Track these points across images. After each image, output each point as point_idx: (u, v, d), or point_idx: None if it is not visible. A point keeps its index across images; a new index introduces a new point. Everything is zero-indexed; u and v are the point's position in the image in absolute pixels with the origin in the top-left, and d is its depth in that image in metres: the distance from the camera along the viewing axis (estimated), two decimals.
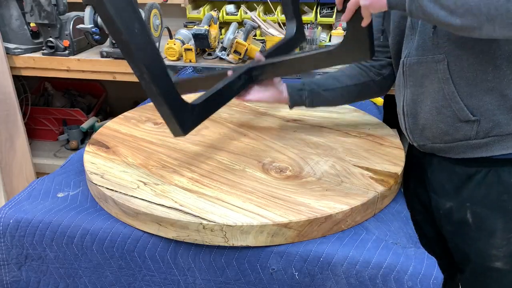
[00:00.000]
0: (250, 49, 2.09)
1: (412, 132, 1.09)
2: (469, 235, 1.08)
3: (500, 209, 1.02)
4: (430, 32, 0.98)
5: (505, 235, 1.03)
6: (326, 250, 0.88)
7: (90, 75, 2.24)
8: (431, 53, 0.99)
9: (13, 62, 2.24)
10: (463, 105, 0.98)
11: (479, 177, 1.03)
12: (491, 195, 1.02)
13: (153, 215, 0.90)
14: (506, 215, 1.02)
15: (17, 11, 2.23)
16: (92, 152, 1.16)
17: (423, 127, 1.06)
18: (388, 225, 0.96)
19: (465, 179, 1.05)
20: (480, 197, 1.04)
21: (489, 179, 1.02)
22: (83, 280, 0.98)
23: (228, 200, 0.95)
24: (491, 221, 1.03)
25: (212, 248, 0.91)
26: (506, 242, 1.03)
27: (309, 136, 1.25)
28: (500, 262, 1.05)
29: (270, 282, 0.90)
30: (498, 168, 1.01)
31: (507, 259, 1.05)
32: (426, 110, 1.04)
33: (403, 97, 1.09)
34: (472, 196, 1.05)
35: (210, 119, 1.36)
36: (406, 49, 1.06)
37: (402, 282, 0.84)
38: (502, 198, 1.01)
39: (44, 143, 2.76)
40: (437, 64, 0.99)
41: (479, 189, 1.03)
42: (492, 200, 1.02)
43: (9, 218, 0.99)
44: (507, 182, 1.00)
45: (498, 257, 1.05)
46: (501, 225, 1.03)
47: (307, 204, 0.93)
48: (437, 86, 1.01)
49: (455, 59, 0.97)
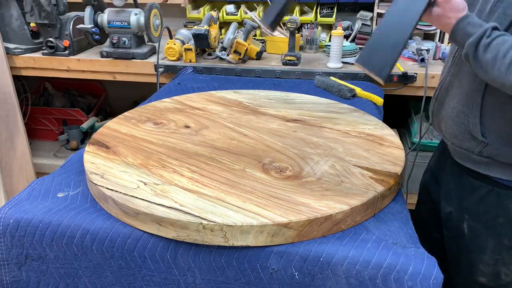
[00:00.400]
0: (250, 49, 2.09)
1: (433, 115, 1.12)
2: (463, 245, 1.10)
3: (494, 230, 1.04)
4: None
5: (494, 255, 1.05)
6: (326, 250, 0.88)
7: (90, 75, 2.24)
8: None
9: (13, 62, 2.24)
10: (479, 122, 0.98)
11: (481, 193, 1.04)
12: (489, 214, 1.04)
13: (153, 215, 0.90)
14: (498, 237, 1.04)
15: (17, 11, 2.23)
16: (92, 152, 1.16)
17: (442, 117, 1.08)
18: (388, 225, 0.96)
19: (469, 191, 1.06)
20: (478, 213, 1.06)
21: (490, 198, 1.03)
22: (83, 280, 0.98)
23: (228, 200, 0.95)
24: (484, 238, 1.05)
25: (212, 248, 0.91)
26: (493, 262, 1.05)
27: (309, 136, 1.25)
28: (484, 278, 1.08)
29: (270, 282, 0.90)
30: (500, 190, 1.02)
31: (492, 277, 1.07)
32: (450, 105, 1.05)
33: (443, 78, 1.10)
34: (471, 209, 1.07)
35: (210, 119, 1.37)
36: None
37: (402, 282, 0.84)
38: (498, 221, 1.03)
39: (44, 143, 2.76)
40: None
41: (478, 205, 1.05)
42: (489, 219, 1.04)
43: (9, 218, 0.99)
44: (505, 206, 1.02)
45: (484, 273, 1.07)
46: (492, 244, 1.05)
47: (307, 204, 0.93)
48: (469, 90, 1.00)
49: None
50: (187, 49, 2.07)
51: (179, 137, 1.25)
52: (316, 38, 2.27)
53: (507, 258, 1.04)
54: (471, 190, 1.06)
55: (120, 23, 2.11)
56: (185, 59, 2.09)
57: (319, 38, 2.32)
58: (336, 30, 2.03)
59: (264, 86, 1.82)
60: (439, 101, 1.10)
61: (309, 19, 2.32)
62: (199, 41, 2.07)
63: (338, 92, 1.72)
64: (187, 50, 2.07)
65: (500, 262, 1.05)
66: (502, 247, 1.04)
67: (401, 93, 2.02)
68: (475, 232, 1.07)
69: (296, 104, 1.50)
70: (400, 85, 1.99)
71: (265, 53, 2.23)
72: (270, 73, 2.01)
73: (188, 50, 2.07)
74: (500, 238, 1.04)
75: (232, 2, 2.47)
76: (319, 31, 2.30)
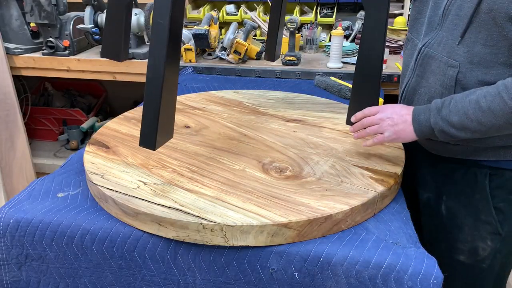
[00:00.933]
0: (250, 49, 2.09)
1: None
2: (441, 227, 1.13)
3: (471, 207, 1.07)
4: (457, 36, 0.98)
5: (472, 232, 1.08)
6: (326, 250, 0.88)
7: (90, 75, 2.24)
8: (448, 55, 1.00)
9: (13, 62, 2.24)
10: None
11: (457, 175, 1.08)
12: (465, 192, 1.08)
13: (153, 215, 0.90)
14: (475, 213, 1.07)
15: (17, 11, 2.24)
16: (92, 152, 1.16)
17: None
18: (388, 225, 0.96)
19: (445, 176, 1.10)
20: (455, 193, 1.09)
21: (467, 178, 1.07)
22: (83, 280, 0.98)
23: (228, 200, 0.95)
24: (462, 216, 1.09)
25: (212, 248, 0.91)
26: (471, 238, 1.09)
27: (309, 136, 1.25)
28: (463, 256, 1.11)
29: (270, 282, 0.90)
30: (476, 169, 1.06)
31: (470, 254, 1.10)
32: (420, 103, 1.07)
33: (407, 81, 1.12)
34: (448, 190, 1.11)
35: (210, 119, 1.36)
36: (427, 37, 1.07)
37: (402, 282, 0.84)
38: (475, 197, 1.06)
39: (44, 143, 2.76)
40: (448, 68, 1.00)
41: (455, 185, 1.09)
42: (465, 197, 1.08)
43: (9, 218, 0.99)
44: (482, 184, 1.05)
45: (463, 251, 1.11)
46: (470, 222, 1.08)
47: (307, 204, 0.93)
48: (439, 88, 1.03)
49: (466, 73, 0.98)
50: (187, 49, 2.07)
51: (179, 137, 1.25)
52: (316, 38, 2.27)
53: (484, 232, 1.07)
54: (448, 175, 1.10)
55: None
56: (185, 59, 2.09)
57: (319, 38, 2.32)
58: (336, 30, 2.03)
59: (264, 86, 1.82)
60: (407, 101, 1.13)
61: (309, 19, 2.32)
62: (199, 41, 2.07)
63: (338, 92, 1.73)
64: (187, 50, 2.07)
65: (477, 237, 1.08)
66: (479, 223, 1.07)
67: None
68: (453, 212, 1.10)
69: (296, 104, 1.50)
70: None
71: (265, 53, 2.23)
72: (270, 73, 2.01)
73: (188, 50, 2.07)
74: (477, 214, 1.07)
75: (232, 2, 2.47)
76: (319, 31, 2.30)
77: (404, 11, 2.35)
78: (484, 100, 0.90)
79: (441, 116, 0.95)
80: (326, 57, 2.19)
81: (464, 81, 0.98)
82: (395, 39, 2.24)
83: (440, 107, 0.96)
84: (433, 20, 1.05)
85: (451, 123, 0.94)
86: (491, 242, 1.07)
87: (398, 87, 1.99)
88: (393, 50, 2.23)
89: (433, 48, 1.04)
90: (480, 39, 0.94)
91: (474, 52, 0.96)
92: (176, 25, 0.86)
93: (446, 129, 0.95)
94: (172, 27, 0.85)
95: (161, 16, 0.84)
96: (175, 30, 0.87)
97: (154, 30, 0.86)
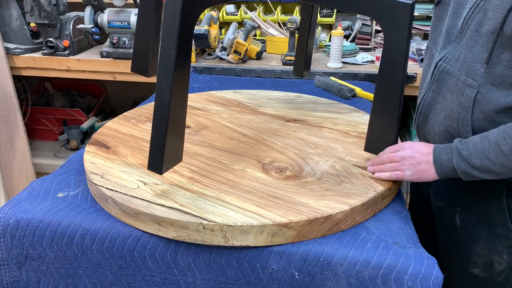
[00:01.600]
0: (250, 49, 2.09)
1: (418, 128, 1.12)
2: (455, 238, 1.10)
3: (487, 220, 1.04)
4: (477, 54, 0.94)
5: (487, 245, 1.05)
6: (326, 250, 0.88)
7: (90, 75, 2.24)
8: (467, 74, 0.96)
9: (13, 62, 2.24)
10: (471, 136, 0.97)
11: (473, 187, 1.03)
12: (481, 205, 1.04)
13: (153, 215, 0.90)
14: (490, 227, 1.04)
15: (17, 11, 2.24)
16: (92, 152, 1.16)
17: (428, 131, 1.07)
18: (388, 225, 0.96)
19: (460, 186, 1.05)
20: (470, 205, 1.06)
21: (483, 190, 1.03)
22: (83, 280, 0.98)
23: (228, 200, 0.95)
24: (476, 229, 1.05)
25: (212, 248, 0.91)
26: (486, 252, 1.05)
27: (309, 136, 1.25)
28: (478, 269, 1.08)
29: (270, 282, 0.90)
30: (493, 183, 1.01)
31: (485, 267, 1.07)
32: (436, 120, 1.04)
33: (424, 94, 1.09)
34: (463, 202, 1.07)
35: (210, 119, 1.36)
36: (445, 50, 1.03)
37: (402, 282, 0.84)
38: (491, 210, 1.03)
39: (44, 143, 2.76)
40: (467, 88, 0.96)
41: (470, 197, 1.05)
42: (481, 209, 1.04)
43: (9, 218, 0.99)
44: (499, 197, 1.02)
45: (477, 264, 1.07)
46: (485, 235, 1.05)
47: (307, 204, 0.93)
48: (456, 108, 0.99)
49: (485, 94, 0.95)
50: None
51: None
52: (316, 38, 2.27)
53: (499, 246, 1.04)
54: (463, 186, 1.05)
55: (120, 23, 2.11)
56: None
57: (319, 38, 2.32)
58: (336, 30, 2.03)
59: (264, 86, 1.82)
60: (423, 116, 1.09)
61: None
62: (199, 41, 2.07)
63: (338, 92, 1.72)
64: None
65: (493, 251, 1.05)
66: (495, 236, 1.04)
67: None
68: (467, 224, 1.07)
69: (296, 104, 1.50)
70: None
71: (265, 53, 2.23)
72: (270, 73, 2.01)
73: None
74: (493, 228, 1.04)
75: (232, 2, 2.47)
76: (319, 31, 2.30)
77: None
78: (505, 143, 0.87)
79: (463, 157, 0.92)
80: (326, 57, 2.19)
81: (483, 103, 0.95)
82: None
83: (461, 148, 0.93)
84: (452, 31, 1.01)
85: (474, 166, 0.91)
86: (508, 256, 1.04)
87: None
88: None
89: (450, 64, 1.00)
90: (502, 61, 0.91)
91: (495, 74, 0.92)
92: (183, 56, 0.88)
93: (469, 171, 0.92)
94: (179, 58, 0.87)
95: (169, 48, 0.86)
96: (182, 61, 0.89)
97: (162, 60, 0.88)
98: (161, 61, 0.88)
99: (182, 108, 0.94)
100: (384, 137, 1.07)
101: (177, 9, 0.83)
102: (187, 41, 0.88)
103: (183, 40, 0.86)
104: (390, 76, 1.00)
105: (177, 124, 0.94)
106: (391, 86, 1.01)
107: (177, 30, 0.84)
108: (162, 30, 0.87)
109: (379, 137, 1.08)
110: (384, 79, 1.02)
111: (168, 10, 0.84)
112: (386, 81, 1.01)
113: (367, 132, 1.11)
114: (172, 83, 0.87)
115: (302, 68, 1.52)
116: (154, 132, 0.92)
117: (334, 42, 2.00)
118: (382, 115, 1.05)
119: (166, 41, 0.86)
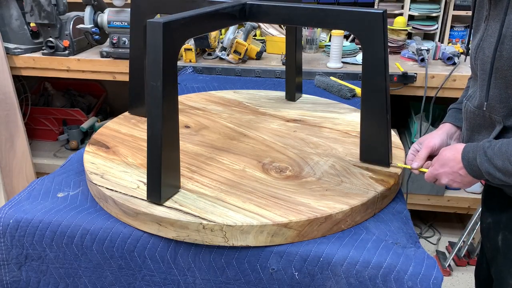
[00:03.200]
0: (250, 49, 2.09)
1: None
2: (496, 256, 1.07)
3: None
4: None
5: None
6: (326, 250, 0.88)
7: (90, 75, 2.24)
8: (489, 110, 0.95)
9: (13, 62, 2.24)
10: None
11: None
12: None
13: (153, 215, 0.90)
14: None
15: (17, 11, 2.24)
16: (92, 152, 1.16)
17: None
18: (388, 225, 0.96)
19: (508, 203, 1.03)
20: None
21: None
22: (83, 280, 0.98)
23: (228, 200, 0.95)
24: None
25: (212, 248, 0.91)
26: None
27: (309, 136, 1.25)
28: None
29: (270, 282, 0.90)
30: None
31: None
32: None
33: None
34: (508, 221, 1.04)
35: (210, 119, 1.37)
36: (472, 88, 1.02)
37: (402, 282, 0.84)
38: None
39: (44, 143, 2.76)
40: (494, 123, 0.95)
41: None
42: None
43: (9, 218, 0.99)
44: None
45: None
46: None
47: (307, 204, 0.93)
48: None
49: None
50: (187, 49, 2.07)
51: None
52: (316, 38, 2.27)
53: None
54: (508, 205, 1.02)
55: (120, 23, 2.11)
56: (185, 59, 2.09)
57: (319, 38, 2.32)
58: (336, 30, 2.03)
59: (264, 86, 1.82)
60: None
61: None
62: (199, 41, 2.07)
63: (338, 92, 1.73)
64: (187, 50, 2.07)
65: None
66: None
67: (401, 93, 2.02)
68: (509, 245, 1.03)
69: (296, 104, 1.50)
70: (400, 85, 1.99)
71: (265, 53, 2.23)
72: (270, 73, 2.01)
73: (188, 50, 2.07)
74: None
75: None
76: (319, 31, 2.30)
77: (404, 11, 2.35)
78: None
79: (487, 157, 0.88)
80: (326, 57, 2.19)
81: None
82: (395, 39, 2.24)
83: (487, 147, 0.89)
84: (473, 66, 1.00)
85: (497, 167, 0.87)
86: None
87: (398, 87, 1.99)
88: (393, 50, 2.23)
89: (472, 102, 1.00)
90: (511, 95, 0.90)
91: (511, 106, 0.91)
92: (169, 85, 0.89)
93: (492, 172, 0.87)
94: (166, 88, 0.88)
95: (155, 79, 0.87)
96: (169, 91, 0.89)
97: (149, 91, 0.89)
98: (148, 93, 0.89)
99: (175, 137, 0.95)
100: (377, 145, 1.08)
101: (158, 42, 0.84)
102: (172, 71, 0.89)
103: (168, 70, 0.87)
104: (374, 85, 1.02)
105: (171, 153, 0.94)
106: (375, 94, 1.02)
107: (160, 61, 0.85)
108: (147, 62, 0.88)
109: (372, 146, 1.09)
110: (369, 89, 1.03)
111: (150, 42, 0.85)
112: (371, 91, 1.03)
113: (360, 142, 1.11)
114: (162, 113, 0.88)
115: (294, 92, 1.52)
116: (150, 163, 0.92)
117: (334, 42, 2.00)
118: (372, 125, 1.06)
119: (151, 73, 0.87)
